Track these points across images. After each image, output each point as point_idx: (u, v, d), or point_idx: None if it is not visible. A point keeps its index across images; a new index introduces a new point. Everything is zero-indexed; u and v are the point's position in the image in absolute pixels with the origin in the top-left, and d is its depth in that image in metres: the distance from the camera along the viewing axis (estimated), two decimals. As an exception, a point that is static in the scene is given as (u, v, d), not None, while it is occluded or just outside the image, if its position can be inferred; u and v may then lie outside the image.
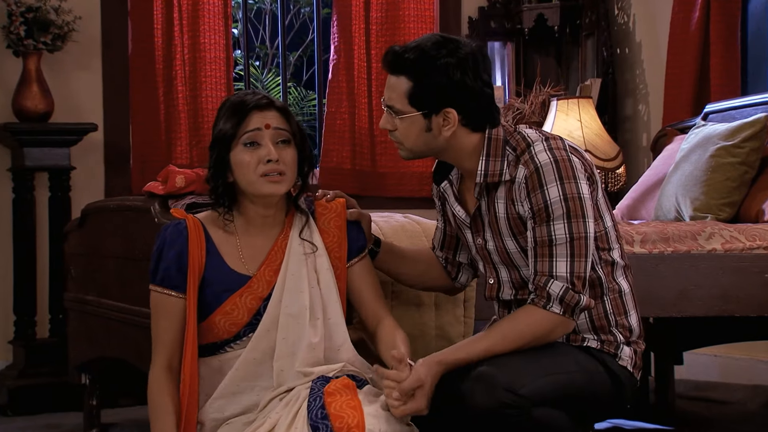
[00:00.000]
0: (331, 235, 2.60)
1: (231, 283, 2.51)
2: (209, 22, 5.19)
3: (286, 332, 2.49)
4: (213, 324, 2.50)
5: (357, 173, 5.50)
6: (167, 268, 2.49)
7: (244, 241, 2.55)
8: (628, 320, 2.57)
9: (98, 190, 4.99)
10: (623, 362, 2.55)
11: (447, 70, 2.44)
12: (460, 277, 2.80)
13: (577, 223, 2.42)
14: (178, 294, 2.49)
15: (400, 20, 5.54)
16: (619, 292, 2.57)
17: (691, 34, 4.93)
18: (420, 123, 2.49)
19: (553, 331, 2.46)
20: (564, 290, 2.42)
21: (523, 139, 2.51)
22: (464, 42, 2.50)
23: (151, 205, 2.98)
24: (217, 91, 5.20)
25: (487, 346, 2.42)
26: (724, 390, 4.75)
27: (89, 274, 3.56)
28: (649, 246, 3.33)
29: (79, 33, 4.75)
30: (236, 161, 2.49)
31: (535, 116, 5.24)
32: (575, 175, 2.44)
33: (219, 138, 2.51)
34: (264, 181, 2.48)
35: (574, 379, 2.46)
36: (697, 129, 4.03)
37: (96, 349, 3.55)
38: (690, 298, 3.30)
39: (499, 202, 2.53)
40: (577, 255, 2.43)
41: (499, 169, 2.51)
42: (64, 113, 4.84)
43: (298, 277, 2.52)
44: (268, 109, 2.50)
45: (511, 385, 2.34)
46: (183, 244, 2.50)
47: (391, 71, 2.51)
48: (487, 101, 2.51)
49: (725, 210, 3.72)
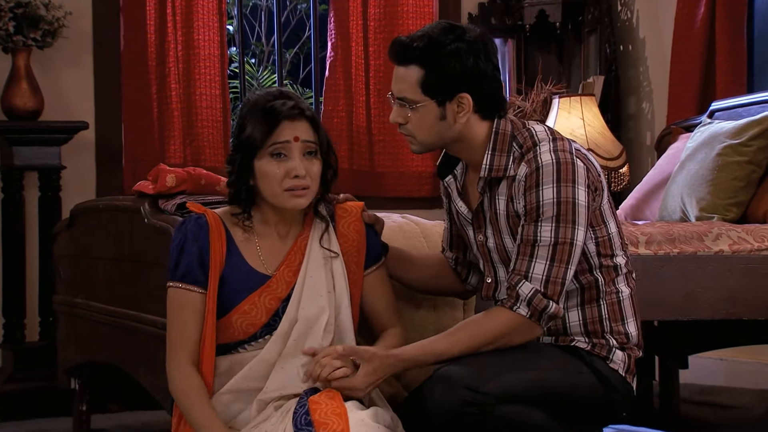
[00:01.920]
0: (351, 239, 2.60)
1: (250, 281, 2.49)
2: (203, 19, 5.16)
3: (298, 334, 2.48)
4: (229, 324, 2.48)
5: (355, 173, 5.49)
6: (189, 263, 2.47)
7: (263, 240, 2.54)
8: (625, 327, 2.56)
9: (89, 190, 4.96)
10: (614, 365, 2.53)
11: (459, 55, 2.44)
12: (470, 279, 2.78)
13: (565, 228, 2.41)
14: (200, 290, 2.47)
15: (399, 16, 5.52)
16: (618, 299, 2.55)
17: (696, 30, 4.92)
18: (434, 112, 2.49)
19: (515, 332, 2.43)
20: (533, 292, 2.41)
21: (530, 137, 2.51)
22: (470, 27, 2.51)
23: (141, 205, 2.95)
24: (211, 89, 5.17)
25: (448, 345, 2.42)
26: (730, 394, 4.74)
27: (78, 276, 3.55)
28: (655, 247, 3.31)
29: (69, 29, 4.72)
30: (262, 171, 2.48)
31: (537, 114, 5.23)
32: (575, 179, 2.43)
33: (246, 144, 2.48)
34: (288, 195, 2.47)
35: (550, 377, 2.45)
36: (703, 127, 4.03)
37: (85, 354, 3.53)
38: (696, 301, 3.29)
39: (500, 199, 2.53)
40: (557, 260, 2.41)
41: (504, 164, 2.51)
42: (55, 111, 4.82)
43: (317, 279, 2.52)
44: (299, 119, 2.49)
45: (472, 382, 2.33)
46: (205, 239, 2.49)
47: (399, 62, 2.51)
48: (498, 85, 2.52)
49: (732, 210, 3.71)
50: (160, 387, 2.83)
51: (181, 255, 2.49)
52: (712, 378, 4.93)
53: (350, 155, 5.47)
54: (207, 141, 5.16)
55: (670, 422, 4.19)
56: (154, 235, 2.85)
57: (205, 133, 5.16)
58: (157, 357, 2.84)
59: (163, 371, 2.62)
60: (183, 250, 2.49)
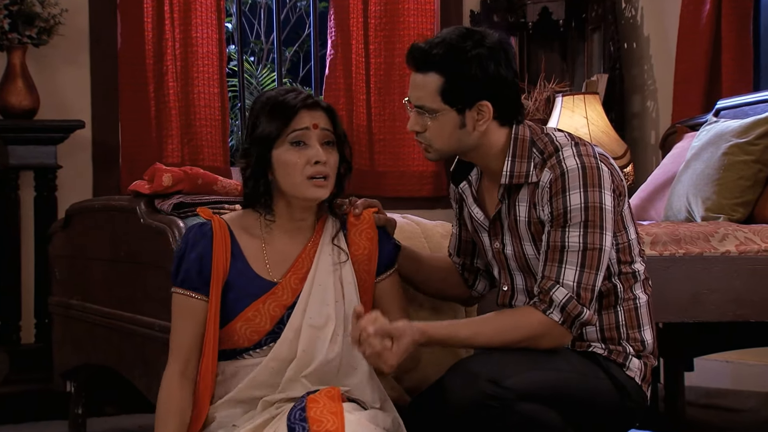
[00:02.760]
0: (361, 247, 2.57)
1: (255, 288, 2.47)
2: (201, 16, 5.14)
3: (306, 344, 2.45)
4: (233, 331, 2.47)
5: (355, 172, 5.19)
6: (188, 270, 2.47)
7: (270, 245, 2.51)
8: (642, 334, 2.55)
9: (86, 190, 4.95)
10: (631, 372, 2.52)
11: (480, 62, 2.42)
12: (477, 285, 2.77)
13: (594, 234, 2.40)
14: (199, 296, 2.46)
15: (400, 14, 5.50)
16: (635, 305, 2.54)
17: (701, 28, 4.91)
18: (454, 120, 2.47)
19: (546, 337, 2.41)
20: (567, 298, 2.39)
21: (551, 142, 2.48)
22: (488, 32, 2.48)
23: (137, 205, 2.92)
24: (209, 87, 5.15)
25: (473, 333, 2.40)
26: (736, 397, 4.74)
27: (74, 277, 3.52)
28: (660, 248, 3.31)
29: (65, 26, 4.70)
30: (281, 161, 2.45)
31: (540, 113, 5.23)
32: (601, 184, 2.42)
33: (263, 136, 2.46)
34: (310, 184, 2.45)
35: (567, 378, 2.43)
36: (709, 126, 4.03)
37: (81, 356, 3.51)
38: (703, 303, 3.28)
39: (520, 206, 2.51)
40: (587, 266, 2.40)
41: (525, 171, 2.48)
42: (51, 110, 4.80)
43: (325, 287, 2.49)
44: (315, 108, 2.48)
45: (494, 376, 2.32)
46: (206, 246, 2.47)
47: (417, 69, 2.48)
48: (517, 91, 2.51)
49: (739, 210, 3.70)
50: (156, 390, 2.77)
51: (182, 261, 2.48)
52: (718, 381, 4.92)
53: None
54: (205, 140, 5.14)
55: (675, 426, 4.18)
56: (151, 235, 2.83)
57: (204, 132, 5.14)
58: (153, 359, 2.85)
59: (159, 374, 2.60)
60: (183, 257, 2.48)
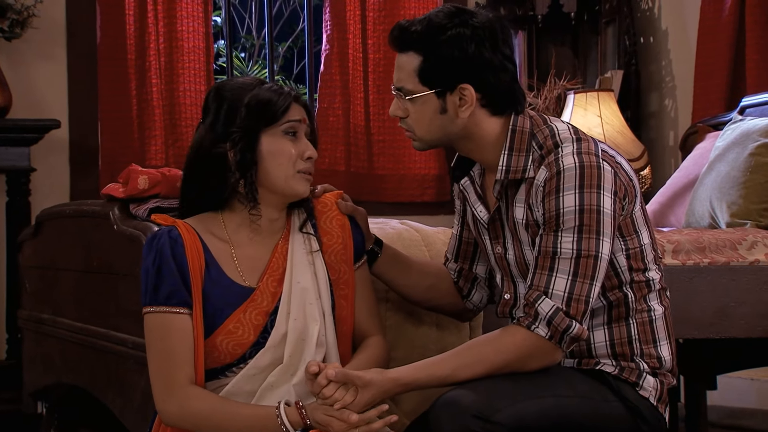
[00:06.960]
0: (334, 236, 2.52)
1: (232, 297, 2.40)
2: (187, 8, 5.19)
3: (293, 349, 2.40)
4: (214, 346, 2.38)
5: (352, 175, 5.50)
6: (173, 283, 2.36)
7: (239, 249, 2.45)
8: (658, 350, 2.46)
9: (62, 195, 4.97)
10: (645, 392, 2.44)
11: (460, 41, 2.36)
12: (472, 296, 2.68)
13: (589, 240, 2.31)
14: (187, 311, 2.37)
15: (400, 6, 5.55)
16: (650, 318, 2.46)
17: (723, 21, 4.89)
18: (433, 103, 2.41)
19: (534, 357, 2.33)
20: (554, 311, 2.30)
21: (551, 136, 2.41)
22: (480, 12, 2.43)
23: (110, 210, 2.83)
24: (195, 84, 5.20)
25: (454, 368, 2.32)
26: (763, 417, 4.73)
27: (45, 289, 3.46)
28: (683, 257, 3.24)
29: (40, 19, 4.75)
30: (272, 150, 2.41)
31: (550, 111, 5.25)
32: (600, 185, 2.33)
33: (256, 115, 2.39)
34: (300, 177, 2.43)
35: (569, 405, 2.35)
36: (734, 124, 3.99)
37: (52, 375, 3.44)
38: (730, 317, 3.21)
39: (517, 205, 2.44)
40: (581, 275, 2.31)
41: (522, 165, 2.42)
42: (24, 108, 4.84)
43: (304, 285, 2.44)
44: (299, 103, 2.46)
45: (481, 410, 2.24)
46: (181, 254, 2.39)
47: (398, 48, 2.45)
48: (508, 78, 2.42)
49: (767, 216, 3.61)
50: (131, 412, 2.74)
51: (160, 276, 2.37)
52: (742, 400, 4.90)
53: (347, 156, 5.47)
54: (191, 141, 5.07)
55: (697, 449, 4.15)
56: (125, 243, 2.75)
57: (190, 132, 5.09)
58: (128, 380, 2.77)
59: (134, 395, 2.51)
60: (161, 270, 2.38)
